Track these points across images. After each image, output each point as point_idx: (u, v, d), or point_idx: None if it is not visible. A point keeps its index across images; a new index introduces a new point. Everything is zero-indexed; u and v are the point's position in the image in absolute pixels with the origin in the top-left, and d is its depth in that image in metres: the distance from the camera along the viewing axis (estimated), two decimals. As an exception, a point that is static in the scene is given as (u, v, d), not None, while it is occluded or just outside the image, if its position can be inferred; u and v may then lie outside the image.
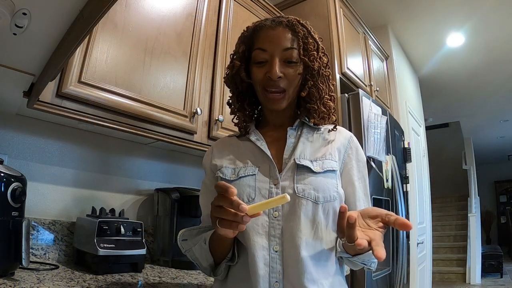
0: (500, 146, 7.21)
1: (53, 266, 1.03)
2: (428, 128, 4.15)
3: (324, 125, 0.85)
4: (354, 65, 2.08)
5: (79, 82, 0.97)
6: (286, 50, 0.77)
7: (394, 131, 2.08)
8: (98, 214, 1.20)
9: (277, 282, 0.69)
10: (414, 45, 3.32)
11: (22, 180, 0.86)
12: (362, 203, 0.81)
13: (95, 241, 1.03)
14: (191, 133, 1.29)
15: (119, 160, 1.43)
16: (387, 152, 1.86)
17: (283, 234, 0.72)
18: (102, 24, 1.03)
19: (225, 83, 0.89)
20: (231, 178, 0.78)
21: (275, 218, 0.73)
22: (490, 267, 5.48)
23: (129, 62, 1.11)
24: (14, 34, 0.63)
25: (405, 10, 2.80)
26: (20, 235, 0.81)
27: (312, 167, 0.75)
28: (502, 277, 5.42)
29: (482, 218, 6.37)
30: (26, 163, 1.16)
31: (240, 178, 0.77)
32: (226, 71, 0.88)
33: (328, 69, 0.84)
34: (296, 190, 0.73)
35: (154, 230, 1.44)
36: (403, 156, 2.25)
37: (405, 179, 2.16)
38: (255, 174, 0.77)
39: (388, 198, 1.82)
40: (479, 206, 5.95)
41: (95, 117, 1.02)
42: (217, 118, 1.36)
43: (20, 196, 0.83)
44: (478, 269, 5.06)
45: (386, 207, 1.79)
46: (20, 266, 0.87)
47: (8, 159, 1.11)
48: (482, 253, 5.29)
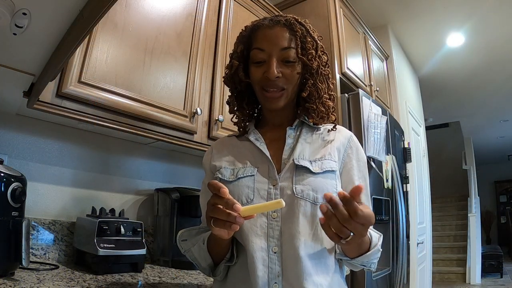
0: (500, 146, 7.21)
1: (53, 266, 1.03)
2: (428, 128, 4.15)
3: (323, 124, 0.85)
4: (354, 65, 2.08)
5: (79, 82, 0.97)
6: (284, 49, 0.76)
7: (394, 131, 2.08)
8: (98, 214, 1.20)
9: (276, 283, 0.69)
10: (414, 45, 3.32)
11: (22, 180, 0.86)
12: (364, 201, 0.79)
13: (95, 241, 1.03)
14: (191, 133, 1.29)
15: (119, 160, 1.43)
16: (387, 152, 1.86)
17: (282, 235, 0.71)
18: (102, 24, 1.03)
19: (224, 83, 0.89)
20: (230, 179, 0.77)
21: (274, 219, 0.72)
22: (490, 267, 5.48)
23: (129, 62, 1.11)
24: (14, 34, 0.63)
25: (405, 10, 2.80)
26: (20, 235, 0.81)
27: (311, 168, 0.74)
28: (502, 277, 5.42)
29: (482, 218, 6.37)
30: (26, 163, 1.16)
31: (238, 179, 0.77)
32: (225, 71, 0.88)
33: (327, 68, 0.83)
34: (294, 191, 0.72)
35: (154, 230, 1.44)
36: (403, 156, 2.25)
37: (405, 179, 2.16)
38: (254, 175, 0.76)
39: (388, 198, 1.82)
40: (479, 206, 5.95)
41: (95, 117, 1.02)
42: (217, 118, 1.36)
43: (20, 196, 0.83)
44: (478, 269, 5.06)
45: (386, 207, 1.79)
46: (20, 266, 0.87)
47: (8, 159, 1.11)
48: (482, 253, 5.29)
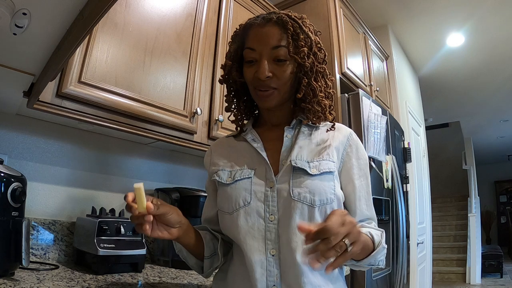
0: (500, 146, 7.21)
1: (53, 266, 1.03)
2: (428, 128, 4.15)
3: (323, 123, 0.82)
4: (354, 65, 2.08)
5: (79, 82, 0.97)
6: (274, 48, 0.74)
7: (394, 131, 2.08)
8: (98, 214, 1.20)
9: (274, 285, 0.69)
10: (414, 45, 3.32)
11: (22, 180, 0.86)
12: (364, 202, 0.79)
13: (95, 241, 1.03)
14: (191, 133, 1.29)
15: (119, 160, 1.43)
16: (387, 152, 1.86)
17: (280, 238, 0.70)
18: (102, 24, 1.03)
19: (219, 82, 0.88)
20: (227, 182, 0.77)
21: (271, 221, 0.71)
22: (490, 267, 5.48)
23: (129, 62, 1.11)
24: (14, 34, 0.63)
25: (405, 10, 2.79)
26: (20, 235, 0.81)
27: (308, 170, 0.73)
28: (502, 277, 5.42)
29: (482, 218, 6.38)
30: (26, 163, 1.16)
31: (236, 181, 0.76)
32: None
33: (324, 64, 0.80)
34: (291, 193, 0.71)
35: (154, 230, 1.44)
36: (403, 156, 2.25)
37: (405, 179, 2.16)
38: (251, 177, 0.75)
39: (388, 198, 1.82)
40: (479, 206, 5.95)
41: (95, 117, 1.02)
42: (217, 118, 1.36)
43: (20, 196, 0.83)
44: (478, 269, 5.06)
45: (386, 207, 1.79)
46: (20, 266, 0.87)
47: (8, 159, 1.11)
48: (482, 253, 5.29)
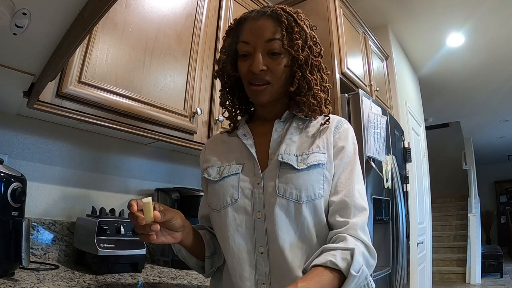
0: (500, 146, 7.21)
1: (53, 266, 1.03)
2: (428, 128, 4.15)
3: (318, 116, 0.79)
4: (354, 65, 2.08)
5: (79, 82, 0.97)
6: (268, 41, 0.73)
7: (394, 131, 2.08)
8: (98, 214, 1.20)
9: (264, 284, 0.68)
10: (414, 45, 3.31)
11: (22, 180, 0.87)
12: (343, 187, 0.71)
13: (95, 241, 1.03)
14: (191, 133, 1.29)
15: (119, 160, 1.43)
16: (387, 152, 1.85)
17: (268, 235, 0.69)
18: (102, 24, 1.03)
19: (213, 77, 0.87)
20: (215, 179, 0.76)
21: (259, 219, 0.70)
22: (490, 267, 5.48)
23: (129, 62, 1.11)
24: (14, 34, 0.63)
25: (405, 10, 2.79)
26: (20, 235, 0.81)
27: (295, 164, 0.70)
28: (502, 277, 5.42)
29: (482, 218, 6.37)
30: (26, 163, 1.16)
31: (223, 178, 0.75)
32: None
33: (320, 58, 0.79)
34: (277, 190, 0.69)
35: (154, 230, 1.44)
36: (403, 156, 2.25)
37: (405, 179, 2.16)
38: (239, 173, 0.74)
39: (388, 198, 1.82)
40: (479, 206, 5.95)
41: (95, 117, 1.02)
42: (217, 118, 1.36)
43: (20, 196, 0.83)
44: (478, 269, 5.06)
45: (386, 207, 1.79)
46: (20, 266, 0.87)
47: (8, 159, 1.11)
48: (482, 253, 5.29)
